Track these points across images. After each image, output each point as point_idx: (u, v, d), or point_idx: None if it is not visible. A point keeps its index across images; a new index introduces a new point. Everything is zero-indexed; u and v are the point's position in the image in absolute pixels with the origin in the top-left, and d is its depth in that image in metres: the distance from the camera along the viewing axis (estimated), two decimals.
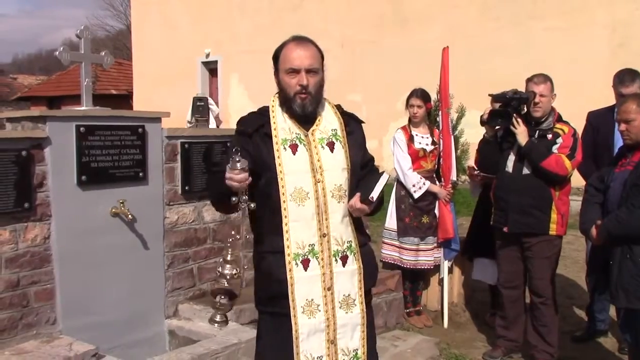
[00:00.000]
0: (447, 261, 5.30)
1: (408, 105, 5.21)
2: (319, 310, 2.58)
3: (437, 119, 5.29)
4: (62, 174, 3.69)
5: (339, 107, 2.73)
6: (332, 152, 2.61)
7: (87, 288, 3.82)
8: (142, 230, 4.09)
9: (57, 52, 3.95)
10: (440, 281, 5.42)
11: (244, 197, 2.38)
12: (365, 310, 2.66)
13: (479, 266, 5.32)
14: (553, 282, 4.46)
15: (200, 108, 13.30)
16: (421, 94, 5.17)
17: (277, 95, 2.65)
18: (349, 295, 2.62)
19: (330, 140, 2.62)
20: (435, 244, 5.21)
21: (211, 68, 18.19)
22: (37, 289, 3.62)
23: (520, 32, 11.93)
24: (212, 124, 13.31)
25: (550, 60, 10.57)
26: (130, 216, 3.91)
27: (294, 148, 2.58)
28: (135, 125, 4.04)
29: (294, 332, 2.57)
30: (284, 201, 2.53)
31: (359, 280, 2.64)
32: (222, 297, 2.50)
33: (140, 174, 4.07)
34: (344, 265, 2.61)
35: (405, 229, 5.13)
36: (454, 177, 5.23)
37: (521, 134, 4.28)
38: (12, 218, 3.50)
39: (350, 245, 2.62)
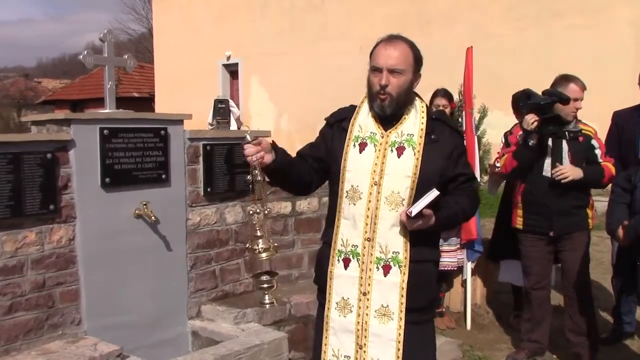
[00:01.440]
0: (470, 262, 5.27)
1: (433, 105, 5.16)
2: (351, 312, 2.57)
3: (460, 119, 5.26)
4: (87, 176, 3.72)
5: (438, 114, 2.60)
6: (399, 157, 2.53)
7: (111, 289, 3.85)
8: (165, 232, 4.12)
9: (81, 56, 3.98)
10: (463, 282, 5.39)
11: (256, 172, 2.46)
12: (404, 327, 2.52)
13: (506, 268, 5.28)
14: (589, 276, 4.46)
15: (221, 110, 13.36)
16: (445, 93, 5.15)
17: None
18: (387, 306, 2.53)
19: (401, 144, 2.54)
20: (459, 245, 5.17)
21: (232, 70, 18.27)
22: (62, 289, 3.66)
23: (544, 31, 11.80)
24: (233, 125, 13.36)
25: (573, 59, 10.45)
26: (153, 218, 3.94)
27: (362, 146, 2.58)
28: (158, 127, 4.07)
29: (324, 323, 2.63)
30: (340, 196, 2.57)
31: (402, 295, 2.51)
32: (265, 276, 2.61)
33: (163, 176, 4.10)
34: (385, 274, 2.53)
35: None
36: (477, 177, 5.19)
37: (571, 171, 4.22)
38: (38, 220, 3.54)
39: (397, 257, 2.51)
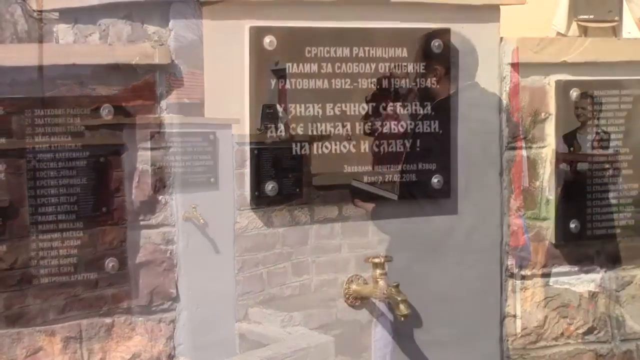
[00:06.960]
0: None
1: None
2: None
3: None
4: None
5: None
6: None
7: None
8: (213, 235, 4.15)
9: (133, 62, 4.06)
10: None
11: None
12: None
13: None
14: None
15: (269, 115, 13.49)
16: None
17: None
18: None
19: None
20: None
21: (280, 76, 18.41)
22: (113, 291, 3.73)
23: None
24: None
25: None
26: (202, 220, 3.98)
27: None
28: (207, 131, 4.11)
29: None
30: None
31: None
32: None
33: (212, 180, 4.14)
34: None
35: None
36: (525, 183, 5.08)
37: None
38: (91, 222, 3.62)
39: None
